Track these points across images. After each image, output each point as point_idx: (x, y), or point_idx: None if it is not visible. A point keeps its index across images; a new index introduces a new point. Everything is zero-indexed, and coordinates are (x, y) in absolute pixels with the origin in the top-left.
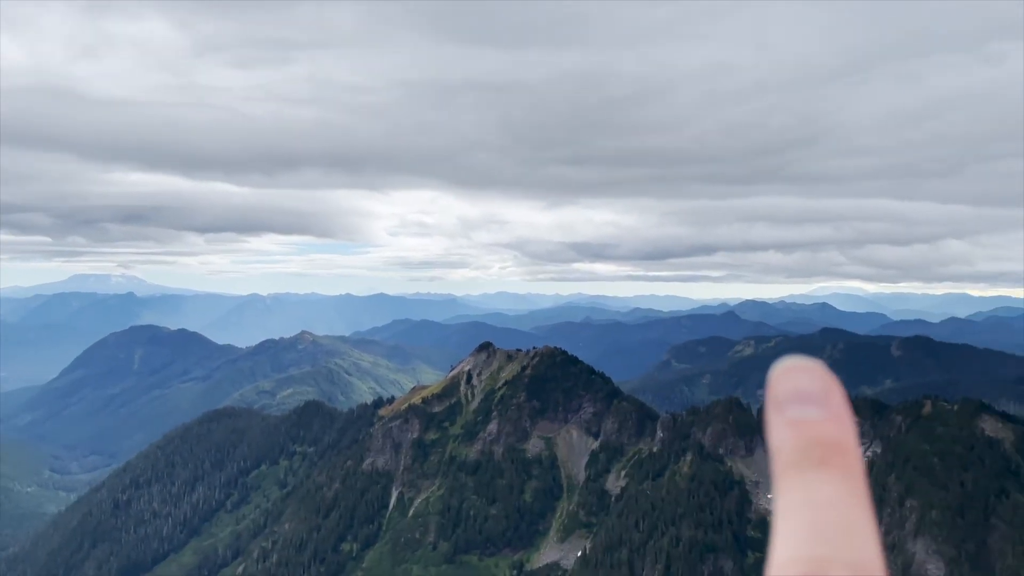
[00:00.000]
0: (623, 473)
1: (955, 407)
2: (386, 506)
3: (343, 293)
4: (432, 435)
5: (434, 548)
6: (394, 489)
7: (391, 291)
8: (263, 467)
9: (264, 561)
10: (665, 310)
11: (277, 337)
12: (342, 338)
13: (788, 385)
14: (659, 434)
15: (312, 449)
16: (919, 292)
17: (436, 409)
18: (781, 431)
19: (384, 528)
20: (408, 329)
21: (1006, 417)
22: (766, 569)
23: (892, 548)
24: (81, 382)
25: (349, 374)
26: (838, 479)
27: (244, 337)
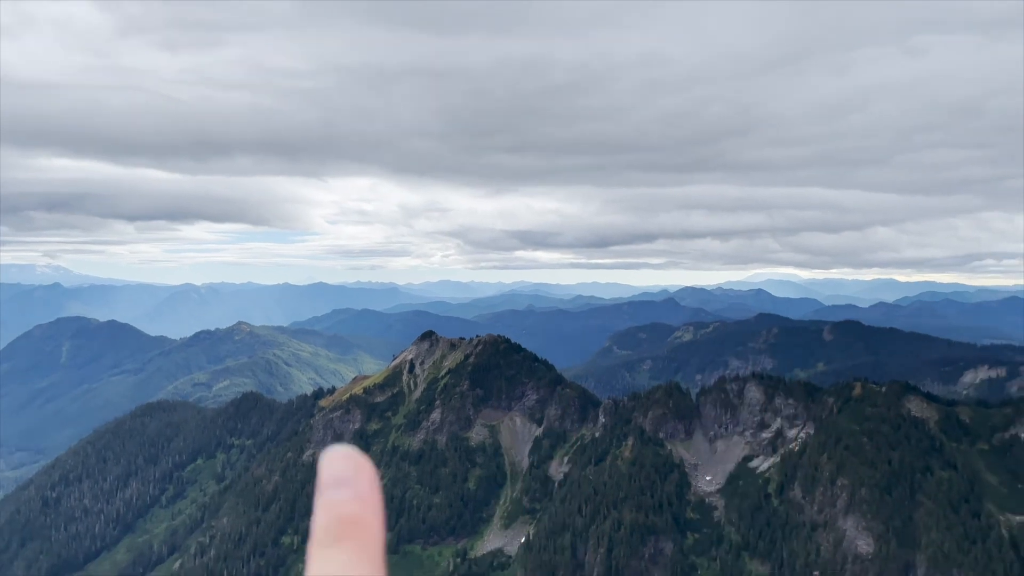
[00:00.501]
0: (566, 459)
1: (883, 389)
2: None
3: (281, 283)
4: (374, 425)
5: None
6: None
7: (331, 280)
8: (199, 461)
9: (201, 556)
10: (607, 297)
11: (212, 328)
12: (280, 328)
13: (328, 471)
14: (601, 419)
15: (250, 442)
16: (850, 278)
17: (378, 399)
18: (316, 513)
19: None
20: (349, 319)
21: (930, 398)
22: None
23: (824, 526)
24: (5, 376)
25: (288, 365)
26: (351, 551)
27: (178, 328)
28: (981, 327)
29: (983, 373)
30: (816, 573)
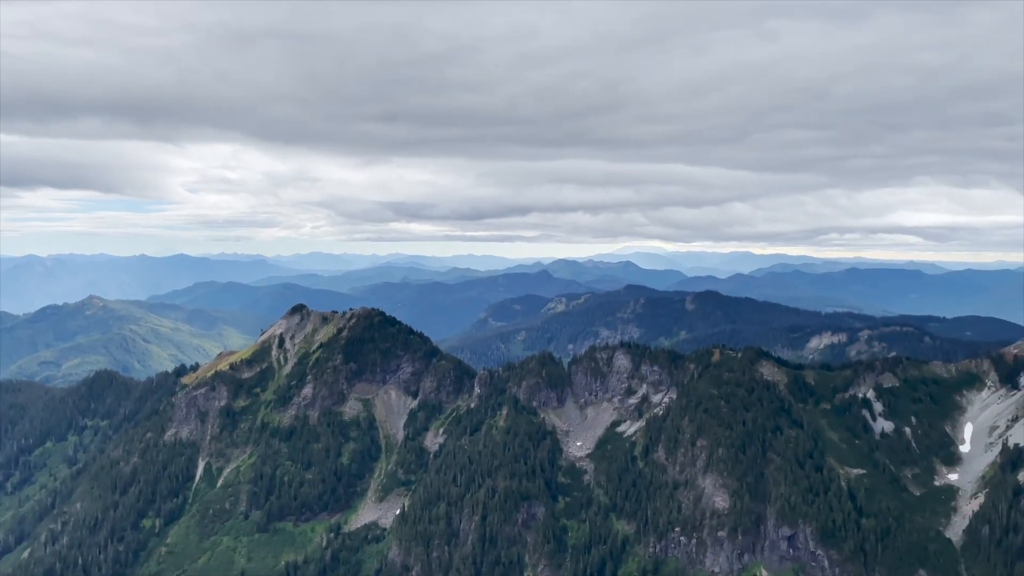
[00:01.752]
0: (441, 430)
1: (739, 355)
2: (192, 478)
3: (138, 254)
4: (242, 402)
5: (246, 517)
6: (200, 460)
7: (193, 252)
8: (48, 444)
9: (53, 544)
10: (482, 270)
11: (61, 303)
12: (137, 303)
13: None
14: (476, 390)
15: (106, 423)
16: (710, 251)
17: (246, 375)
18: None
19: (190, 501)
20: (213, 292)
21: (780, 362)
22: None
23: (685, 485)
24: None
25: (147, 341)
26: None
27: (21, 303)
28: (825, 296)
29: (827, 339)
30: (677, 529)
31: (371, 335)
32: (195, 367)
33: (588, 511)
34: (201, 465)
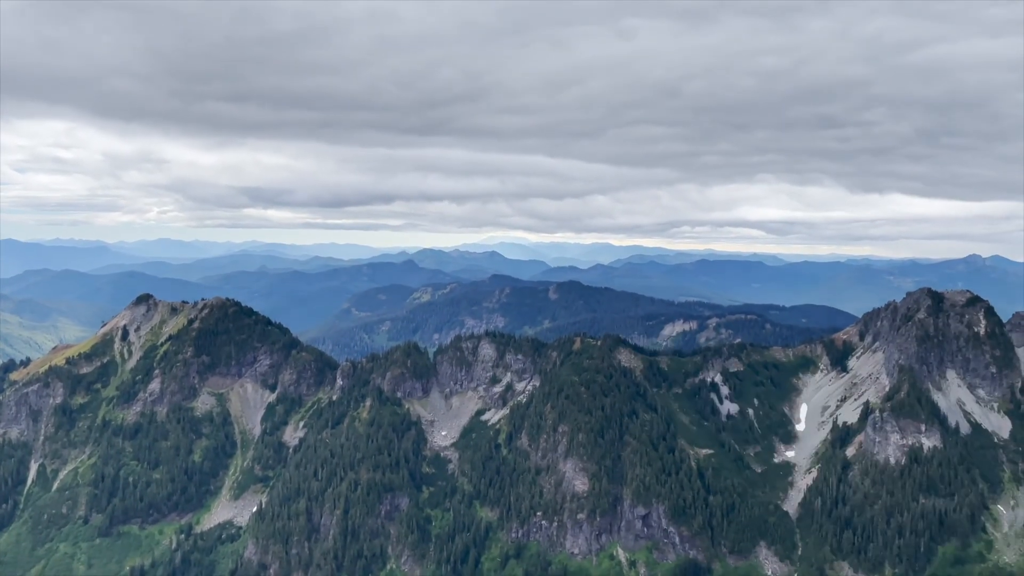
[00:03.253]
0: (302, 424)
1: (599, 342)
2: (23, 482)
3: None
4: (80, 399)
5: (86, 522)
6: (33, 462)
7: (21, 237)
8: None
9: None
10: (345, 259)
11: None
12: None
13: None
14: (339, 382)
15: None
16: (572, 241)
17: (84, 370)
18: None
19: (21, 507)
20: (46, 280)
21: (637, 349)
22: None
23: (547, 470)
24: None
25: None
26: None
27: None
28: (678, 286)
29: (679, 327)
30: (539, 514)
31: (225, 326)
32: (26, 362)
33: (452, 500)
34: (34, 467)
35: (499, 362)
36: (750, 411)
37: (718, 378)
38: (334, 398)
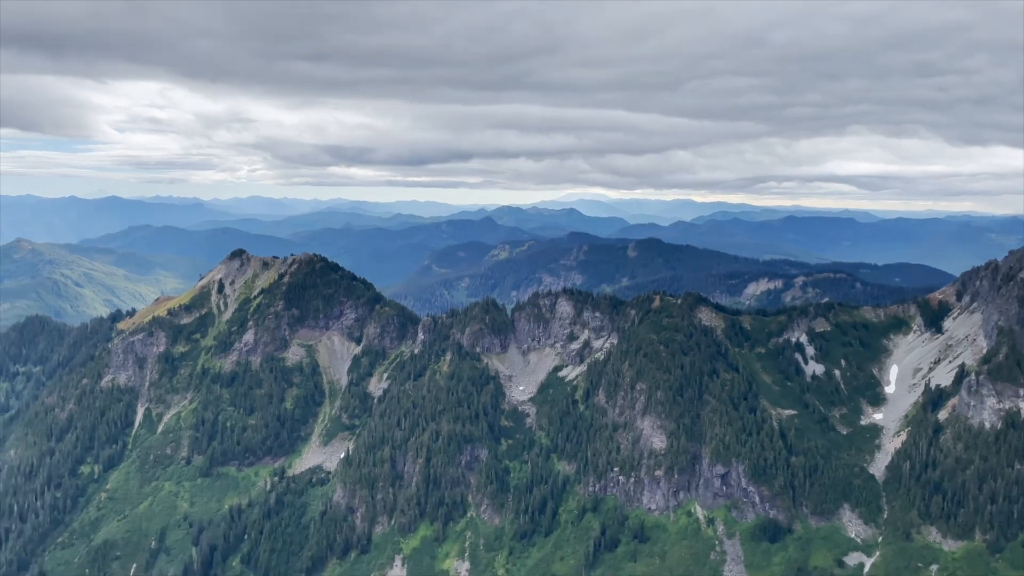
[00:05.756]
0: (385, 375)
1: (678, 301)
2: (131, 424)
3: (67, 196)
4: (181, 348)
5: (188, 463)
6: (140, 406)
7: (125, 194)
8: None
9: None
10: (426, 216)
11: None
12: (68, 246)
13: None
14: (420, 336)
15: (39, 368)
16: (652, 198)
17: (185, 321)
18: None
19: (130, 447)
20: (148, 236)
21: (718, 308)
22: None
23: (624, 426)
24: None
25: (79, 286)
26: None
27: None
28: (763, 244)
29: (763, 285)
30: (616, 469)
31: (313, 281)
32: (131, 312)
33: (530, 453)
34: (140, 411)
35: (576, 319)
36: (836, 372)
37: (803, 338)
38: (416, 351)
